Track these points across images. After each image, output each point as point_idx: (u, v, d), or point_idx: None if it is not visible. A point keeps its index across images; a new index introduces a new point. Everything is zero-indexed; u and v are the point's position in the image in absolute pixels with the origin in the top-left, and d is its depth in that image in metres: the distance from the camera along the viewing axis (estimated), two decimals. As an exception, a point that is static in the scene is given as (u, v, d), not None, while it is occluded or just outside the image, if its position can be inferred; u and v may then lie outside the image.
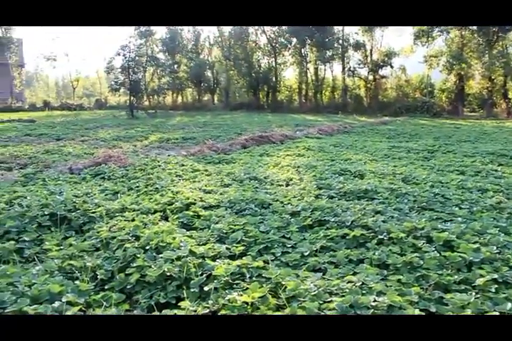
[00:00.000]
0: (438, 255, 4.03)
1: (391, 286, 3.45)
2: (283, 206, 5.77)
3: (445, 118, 38.69)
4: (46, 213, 5.20)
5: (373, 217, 5.22)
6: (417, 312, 2.97)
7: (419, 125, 27.32)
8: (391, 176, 8.35)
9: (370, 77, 51.98)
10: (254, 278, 3.48)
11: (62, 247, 4.44)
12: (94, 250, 4.36)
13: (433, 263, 3.87)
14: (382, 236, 4.54)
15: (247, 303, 3.06)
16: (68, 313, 2.85)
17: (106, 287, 3.60)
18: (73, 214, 5.31)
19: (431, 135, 19.04)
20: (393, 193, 6.73)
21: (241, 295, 3.13)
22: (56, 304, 3.02)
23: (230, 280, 3.38)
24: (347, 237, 4.59)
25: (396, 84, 52.32)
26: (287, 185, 7.60)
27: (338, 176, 8.34)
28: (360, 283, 3.42)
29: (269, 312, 2.91)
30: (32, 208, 5.36)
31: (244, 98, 59.19)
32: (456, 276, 3.64)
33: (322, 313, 1.92)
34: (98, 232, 4.70)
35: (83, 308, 3.11)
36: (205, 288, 3.31)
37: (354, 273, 3.70)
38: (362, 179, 8.15)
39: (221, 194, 6.51)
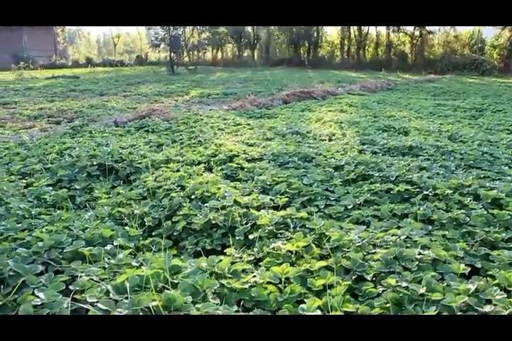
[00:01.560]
0: (485, 212, 3.95)
1: (436, 241, 3.43)
2: (326, 160, 5.74)
3: (496, 77, 36.93)
4: (94, 163, 5.38)
5: (418, 173, 5.14)
6: (462, 266, 2.96)
7: (467, 83, 26.24)
8: (437, 134, 8.14)
9: (416, 33, 49.80)
10: (298, 229, 3.52)
11: (110, 196, 4.60)
12: (141, 199, 4.49)
13: (480, 221, 3.80)
14: (427, 192, 4.47)
15: (291, 252, 3.11)
16: (120, 256, 2.96)
17: (153, 233, 3.73)
18: (120, 164, 5.45)
19: (479, 93, 18.29)
20: (439, 150, 6.59)
21: (285, 244, 3.18)
22: (108, 247, 3.16)
23: (274, 230, 3.43)
24: (391, 192, 4.55)
25: (444, 40, 49.91)
26: (330, 140, 7.53)
27: (382, 132, 8.19)
28: (405, 236, 3.41)
29: (314, 262, 2.95)
30: (81, 158, 5.53)
31: (285, 54, 57.91)
32: (503, 234, 3.57)
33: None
34: (144, 182, 4.82)
35: (133, 252, 3.23)
36: (250, 237, 3.37)
37: (398, 227, 3.68)
38: (406, 136, 7.98)
39: (264, 147, 6.52)
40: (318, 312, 2.39)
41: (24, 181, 4.98)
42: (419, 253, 3.12)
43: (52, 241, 3.16)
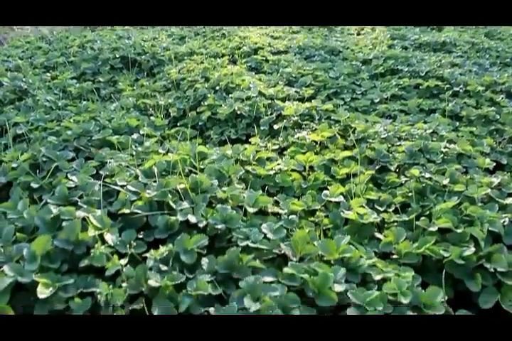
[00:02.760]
0: (517, 110, 3.84)
1: (463, 137, 3.38)
2: (354, 54, 5.52)
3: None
4: (117, 56, 5.28)
5: (450, 69, 4.92)
6: (487, 161, 2.94)
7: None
8: (473, 30, 7.67)
9: None
10: (323, 120, 3.49)
11: (134, 88, 4.58)
12: (165, 90, 4.46)
13: (510, 119, 3.70)
14: (457, 89, 4.32)
15: (315, 142, 3.12)
16: (147, 144, 3.01)
17: (179, 124, 3.75)
18: (143, 57, 5.35)
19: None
20: (474, 47, 6.24)
21: (310, 134, 3.17)
22: (135, 136, 3.20)
23: (299, 121, 3.41)
24: (420, 87, 4.41)
25: None
26: (358, 35, 7.18)
27: (414, 27, 7.75)
28: (431, 130, 3.37)
29: (338, 152, 2.96)
30: (103, 51, 5.43)
31: None
32: (534, 131, 3.50)
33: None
34: (168, 74, 4.75)
35: (159, 140, 3.28)
36: (275, 127, 3.37)
37: (425, 122, 3.63)
38: (440, 32, 7.54)
39: (289, 40, 6.27)
40: (341, 198, 2.45)
41: (48, 74, 4.95)
42: (445, 147, 3.10)
43: (81, 129, 3.21)
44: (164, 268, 1.83)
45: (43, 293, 1.80)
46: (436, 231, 2.26)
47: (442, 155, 3.00)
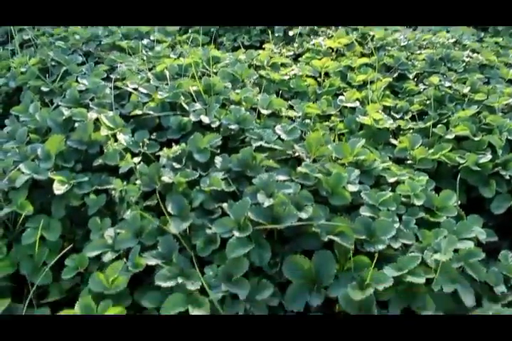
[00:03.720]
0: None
1: (487, 47, 3.23)
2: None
3: None
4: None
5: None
6: (511, 72, 2.83)
7: None
8: None
9: None
10: (340, 28, 3.32)
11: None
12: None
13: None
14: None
15: (332, 49, 3.00)
16: (158, 49, 2.92)
17: (190, 30, 3.60)
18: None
19: None
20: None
21: (326, 40, 3.04)
22: (145, 41, 3.10)
23: (315, 28, 3.26)
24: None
25: None
26: None
27: None
28: (454, 40, 3.22)
29: (355, 59, 2.85)
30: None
31: None
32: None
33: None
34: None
35: (171, 45, 3.17)
36: (290, 33, 3.23)
37: (447, 31, 3.45)
38: None
39: None
40: (357, 104, 2.39)
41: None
42: (468, 56, 2.97)
43: (89, 34, 3.11)
44: (177, 166, 1.83)
45: (58, 189, 1.82)
46: (453, 138, 2.23)
47: (464, 64, 2.88)
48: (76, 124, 2.10)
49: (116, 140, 1.98)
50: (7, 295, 1.72)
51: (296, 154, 1.96)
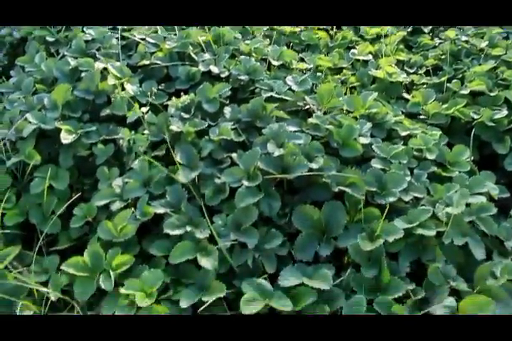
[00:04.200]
0: None
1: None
2: None
3: None
4: None
5: None
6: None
7: None
8: None
9: None
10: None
11: None
12: None
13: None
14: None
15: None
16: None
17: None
18: None
19: None
20: None
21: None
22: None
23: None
24: None
25: None
26: None
27: None
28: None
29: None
30: None
31: None
32: None
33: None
34: None
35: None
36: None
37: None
38: None
39: None
40: (370, 57, 2.32)
41: None
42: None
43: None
44: (186, 116, 1.80)
45: (66, 138, 1.81)
46: (468, 94, 2.17)
47: (482, 18, 2.77)
48: (83, 74, 2.05)
49: (123, 89, 1.94)
50: (18, 243, 1.74)
51: (307, 106, 1.92)
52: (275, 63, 2.11)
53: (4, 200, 1.78)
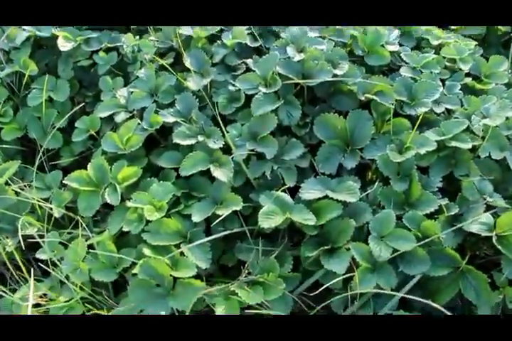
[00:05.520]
0: None
1: None
2: None
3: None
4: None
5: None
6: None
7: None
8: None
9: None
10: None
11: None
12: None
13: None
14: None
15: None
16: None
17: None
18: None
19: None
20: None
21: None
22: None
23: None
24: None
25: None
26: None
27: None
28: None
29: None
30: None
31: None
32: None
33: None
34: None
35: None
36: None
37: None
38: None
39: None
40: None
41: None
42: None
43: None
44: (196, 19, 1.62)
45: (64, 46, 1.65)
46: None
47: None
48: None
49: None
50: (17, 158, 1.63)
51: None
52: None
53: (1, 114, 1.66)
